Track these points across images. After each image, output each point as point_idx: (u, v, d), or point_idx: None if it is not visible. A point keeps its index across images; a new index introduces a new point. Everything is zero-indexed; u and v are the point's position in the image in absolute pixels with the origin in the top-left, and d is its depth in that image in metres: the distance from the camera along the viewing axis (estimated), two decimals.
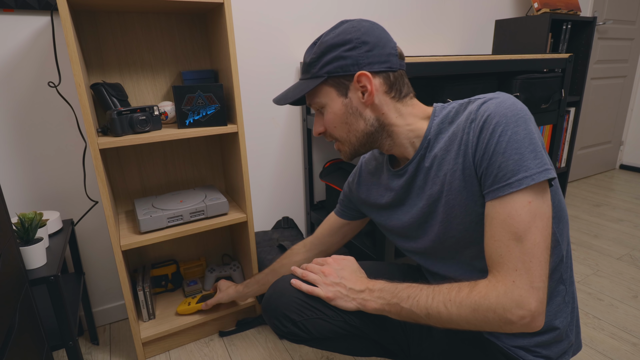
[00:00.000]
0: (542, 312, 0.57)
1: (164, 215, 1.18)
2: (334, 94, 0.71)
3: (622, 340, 1.30)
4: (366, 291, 0.74)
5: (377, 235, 1.29)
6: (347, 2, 1.64)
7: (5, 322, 0.63)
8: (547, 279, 0.57)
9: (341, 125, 0.73)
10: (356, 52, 0.68)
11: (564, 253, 0.70)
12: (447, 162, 0.67)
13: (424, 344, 0.82)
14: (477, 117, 0.62)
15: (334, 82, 0.70)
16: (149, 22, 1.26)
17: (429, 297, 0.64)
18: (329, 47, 0.69)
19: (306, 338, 0.80)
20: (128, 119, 1.10)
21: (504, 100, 0.61)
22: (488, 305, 0.58)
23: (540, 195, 0.58)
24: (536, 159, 0.58)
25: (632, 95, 3.03)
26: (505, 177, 0.58)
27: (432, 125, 0.70)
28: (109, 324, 1.46)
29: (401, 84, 0.71)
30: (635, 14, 2.76)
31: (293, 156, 1.69)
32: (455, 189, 0.66)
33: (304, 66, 0.74)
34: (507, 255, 0.58)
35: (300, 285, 0.80)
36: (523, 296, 0.56)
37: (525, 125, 0.59)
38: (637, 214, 2.30)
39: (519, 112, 0.59)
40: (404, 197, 0.78)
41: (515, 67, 1.41)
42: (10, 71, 1.15)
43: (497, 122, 0.59)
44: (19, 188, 1.23)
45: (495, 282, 0.59)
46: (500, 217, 0.59)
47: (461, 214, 0.67)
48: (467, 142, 0.63)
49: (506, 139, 0.58)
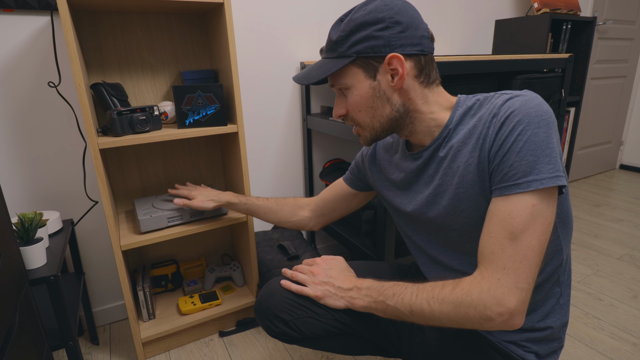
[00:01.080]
0: (522, 312, 0.57)
1: (164, 215, 1.18)
2: (362, 76, 0.67)
3: (622, 340, 1.30)
4: (354, 289, 0.75)
5: (377, 235, 1.29)
6: (347, 2, 1.64)
7: (5, 322, 0.63)
8: (533, 282, 0.57)
9: (366, 109, 0.69)
10: (388, 33, 0.64)
11: (564, 258, 0.70)
12: (463, 155, 0.66)
13: (416, 340, 0.82)
14: (500, 112, 0.61)
15: (363, 63, 0.66)
16: (149, 22, 1.26)
17: (413, 294, 0.65)
18: (359, 26, 0.64)
19: (298, 338, 0.80)
20: (128, 119, 1.10)
21: (531, 99, 0.60)
22: (470, 301, 0.58)
23: (546, 200, 0.57)
24: (550, 164, 0.56)
25: (632, 95, 3.03)
26: (515, 177, 0.58)
27: (454, 116, 0.68)
28: (109, 324, 1.46)
29: (430, 69, 0.68)
30: (635, 14, 2.76)
31: (293, 156, 1.69)
32: (468, 182, 0.65)
33: (330, 44, 0.69)
34: (498, 252, 0.58)
35: (290, 286, 0.81)
36: (505, 294, 0.56)
37: (547, 128, 0.57)
38: (637, 214, 2.30)
39: (543, 114, 0.58)
40: (412, 182, 0.77)
41: (515, 67, 1.41)
42: (10, 71, 1.15)
43: (519, 121, 0.58)
44: (19, 188, 1.23)
45: (481, 279, 0.59)
46: (500, 214, 0.58)
47: (469, 208, 0.66)
48: (485, 136, 0.62)
49: (524, 139, 0.57)
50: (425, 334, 0.81)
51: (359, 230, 1.51)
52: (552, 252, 0.67)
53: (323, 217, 1.02)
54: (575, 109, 2.12)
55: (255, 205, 1.06)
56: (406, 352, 0.84)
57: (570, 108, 2.13)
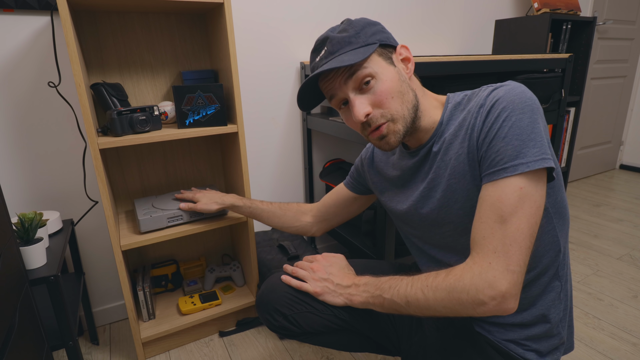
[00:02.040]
0: (515, 295, 0.57)
1: (164, 215, 1.18)
2: (384, 63, 0.68)
3: (622, 340, 1.30)
4: (352, 286, 0.76)
5: (377, 235, 1.29)
6: (347, 2, 1.64)
7: (5, 322, 0.63)
8: (525, 265, 0.58)
9: (397, 94, 0.67)
10: (387, 31, 0.70)
11: (562, 249, 0.70)
12: (454, 147, 0.67)
13: (415, 339, 0.83)
14: (485, 102, 0.63)
15: (381, 52, 0.68)
16: (149, 22, 1.26)
17: (408, 285, 0.65)
18: (366, 25, 0.68)
19: (298, 332, 0.81)
20: (128, 119, 1.10)
21: (514, 87, 0.62)
22: (462, 286, 0.58)
23: (534, 183, 0.58)
24: (535, 147, 0.58)
25: (632, 95, 3.03)
26: (502, 162, 0.59)
27: (445, 112, 0.71)
28: (109, 324, 1.46)
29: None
30: (635, 14, 2.76)
31: (293, 156, 1.69)
32: (459, 173, 0.66)
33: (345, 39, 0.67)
34: (489, 236, 0.58)
35: (290, 281, 0.82)
36: (497, 277, 0.56)
37: (531, 113, 0.59)
38: (637, 214, 2.30)
39: (526, 101, 0.60)
40: (409, 179, 0.78)
41: (515, 67, 1.41)
42: (10, 71, 1.15)
43: (504, 108, 0.60)
44: (19, 188, 1.23)
45: (472, 264, 0.59)
46: (490, 199, 0.59)
47: (462, 199, 0.67)
48: (473, 126, 0.64)
49: (509, 125, 0.59)
50: (425, 332, 0.81)
51: (359, 230, 1.51)
52: (548, 243, 0.68)
53: (325, 223, 1.02)
54: (575, 109, 2.12)
55: (259, 209, 1.07)
56: (405, 350, 0.84)
57: (570, 108, 2.13)
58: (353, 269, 0.84)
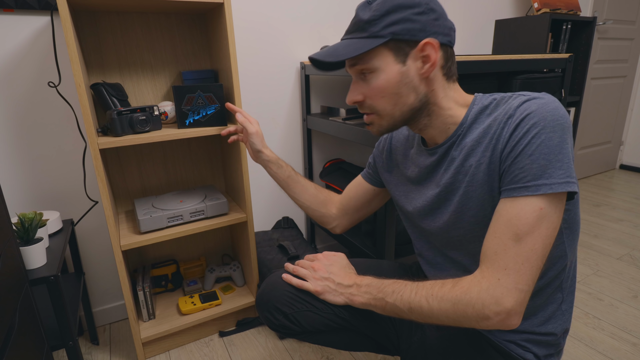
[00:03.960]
0: (519, 312, 0.57)
1: (164, 215, 1.18)
2: (391, 59, 0.64)
3: (622, 340, 1.30)
4: (354, 286, 0.76)
5: (377, 235, 1.29)
6: (347, 2, 1.64)
7: (5, 322, 0.63)
8: (533, 285, 0.57)
9: (390, 95, 0.65)
10: (425, 18, 0.62)
11: (568, 263, 0.69)
12: (476, 154, 0.65)
13: (414, 338, 0.82)
14: (515, 113, 0.60)
15: (395, 46, 0.63)
16: (149, 22, 1.26)
17: (412, 292, 0.65)
18: (396, 7, 0.62)
19: (298, 331, 0.81)
20: (128, 119, 1.10)
21: (548, 102, 0.58)
22: (468, 300, 0.58)
23: (554, 205, 0.57)
24: (561, 169, 0.56)
25: (632, 95, 3.03)
26: (525, 179, 0.57)
27: (469, 114, 0.67)
28: (109, 324, 1.46)
29: (452, 62, 0.68)
30: (635, 14, 2.76)
31: (293, 156, 1.69)
32: (478, 181, 0.65)
33: (359, 23, 0.65)
34: (501, 253, 0.58)
35: (291, 280, 0.81)
36: (504, 294, 0.56)
37: (562, 132, 0.57)
38: (637, 214, 2.30)
39: (559, 119, 0.57)
40: (424, 178, 0.76)
41: (515, 67, 1.41)
42: (10, 71, 1.15)
43: (535, 123, 0.57)
44: (19, 188, 1.23)
45: (481, 278, 0.59)
46: (507, 215, 0.58)
47: (476, 207, 0.66)
48: (499, 136, 0.61)
49: (538, 142, 0.56)
50: (425, 332, 0.81)
51: (359, 230, 1.51)
52: (555, 256, 0.67)
53: (347, 218, 0.98)
54: (575, 109, 2.12)
55: (296, 179, 1.01)
56: (405, 349, 0.84)
57: (571, 108, 2.13)
58: (354, 268, 0.84)
